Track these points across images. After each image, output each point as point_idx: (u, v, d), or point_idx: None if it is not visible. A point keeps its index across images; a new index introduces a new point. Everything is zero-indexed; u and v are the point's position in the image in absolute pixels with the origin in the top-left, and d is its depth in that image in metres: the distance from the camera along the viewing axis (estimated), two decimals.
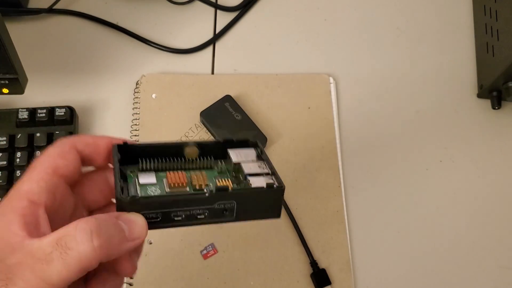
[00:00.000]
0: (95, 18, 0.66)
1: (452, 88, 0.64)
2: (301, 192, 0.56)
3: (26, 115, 0.55)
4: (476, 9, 0.68)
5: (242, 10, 0.68)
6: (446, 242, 0.55)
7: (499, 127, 0.62)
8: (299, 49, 0.66)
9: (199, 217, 0.27)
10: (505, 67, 0.56)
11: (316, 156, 0.58)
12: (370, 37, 0.67)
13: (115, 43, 0.65)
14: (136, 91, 0.61)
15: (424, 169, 0.59)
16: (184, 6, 0.69)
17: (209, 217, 0.28)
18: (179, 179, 0.28)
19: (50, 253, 0.24)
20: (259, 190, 0.28)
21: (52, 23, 0.66)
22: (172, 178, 0.28)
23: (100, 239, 0.25)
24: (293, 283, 0.52)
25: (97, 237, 0.24)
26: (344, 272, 0.53)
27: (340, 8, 0.69)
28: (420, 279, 0.54)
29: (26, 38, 0.64)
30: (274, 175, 0.29)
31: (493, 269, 0.54)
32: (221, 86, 0.62)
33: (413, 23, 0.68)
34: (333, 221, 0.55)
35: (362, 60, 0.66)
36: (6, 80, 0.52)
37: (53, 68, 0.63)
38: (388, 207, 0.57)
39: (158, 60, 0.64)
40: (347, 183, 0.57)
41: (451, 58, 0.66)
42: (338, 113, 0.61)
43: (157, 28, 0.67)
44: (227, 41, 0.67)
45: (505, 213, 0.57)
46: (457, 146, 0.60)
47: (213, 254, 0.53)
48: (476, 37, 0.67)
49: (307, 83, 0.62)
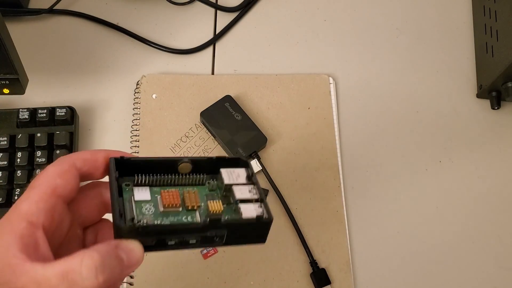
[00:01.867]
0: (96, 19, 0.66)
1: (452, 88, 0.64)
2: (301, 192, 0.56)
3: (26, 115, 0.55)
4: (476, 9, 0.68)
5: (242, 10, 0.68)
6: (445, 242, 0.55)
7: (499, 127, 0.62)
8: (299, 49, 0.66)
9: (191, 242, 0.29)
10: (504, 67, 0.56)
11: (316, 156, 0.58)
12: (370, 37, 0.67)
13: (115, 44, 0.65)
14: (137, 91, 0.61)
15: (423, 169, 0.59)
16: (184, 6, 0.69)
17: (200, 242, 0.29)
18: (173, 200, 0.29)
19: (57, 286, 0.25)
20: (249, 221, 0.29)
21: (52, 23, 0.66)
22: (166, 198, 0.29)
23: (104, 274, 0.26)
24: (293, 283, 0.52)
25: (101, 273, 0.26)
26: (344, 272, 0.53)
27: (340, 8, 0.69)
28: (420, 279, 0.54)
29: (26, 39, 0.64)
30: (263, 203, 0.30)
31: (493, 269, 0.54)
32: (221, 86, 0.62)
33: (413, 23, 0.68)
34: (333, 221, 0.55)
35: (362, 60, 0.66)
36: (6, 80, 0.52)
37: (54, 68, 0.63)
38: (388, 207, 0.57)
39: (158, 61, 0.64)
40: (347, 183, 0.57)
41: (450, 58, 0.66)
42: (338, 113, 0.61)
43: (157, 28, 0.67)
44: (227, 41, 0.67)
45: (504, 213, 0.57)
46: (456, 146, 0.60)
47: (213, 254, 0.53)
48: (475, 37, 0.67)
49: (307, 83, 0.63)
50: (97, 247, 0.27)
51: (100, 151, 0.31)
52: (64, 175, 0.29)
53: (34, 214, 0.27)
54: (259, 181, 0.32)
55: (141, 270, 0.51)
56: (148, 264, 0.52)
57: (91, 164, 0.31)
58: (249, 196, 0.30)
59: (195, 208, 0.30)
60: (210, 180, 0.32)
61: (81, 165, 0.30)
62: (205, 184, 0.32)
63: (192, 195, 0.30)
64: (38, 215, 0.27)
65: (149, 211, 0.29)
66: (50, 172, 0.29)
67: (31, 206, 0.27)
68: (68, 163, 0.30)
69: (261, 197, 0.30)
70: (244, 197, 0.30)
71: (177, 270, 0.52)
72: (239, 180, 0.31)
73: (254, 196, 0.30)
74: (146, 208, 0.29)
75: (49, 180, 0.29)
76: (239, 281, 0.52)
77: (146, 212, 0.29)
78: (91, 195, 0.33)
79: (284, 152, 0.58)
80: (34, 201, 0.28)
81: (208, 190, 0.32)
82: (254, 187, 0.31)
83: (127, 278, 0.51)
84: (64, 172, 0.29)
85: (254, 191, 0.31)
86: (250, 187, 0.31)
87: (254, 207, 0.30)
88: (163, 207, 0.29)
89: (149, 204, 0.29)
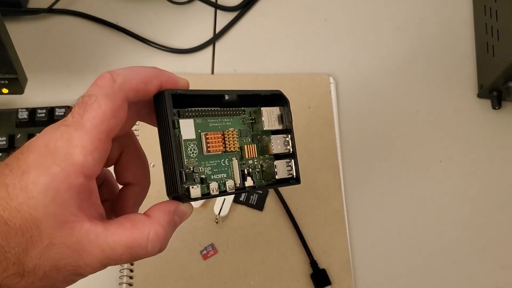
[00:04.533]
0: (95, 18, 0.66)
1: (452, 88, 0.64)
2: (301, 192, 0.56)
3: (26, 115, 0.55)
4: (476, 9, 0.68)
5: (242, 10, 0.68)
6: (446, 242, 0.55)
7: (499, 127, 0.62)
8: (299, 49, 0.66)
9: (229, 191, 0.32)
10: (505, 67, 0.56)
11: (316, 156, 0.58)
12: (370, 37, 0.67)
13: (115, 43, 0.65)
14: None
15: (424, 169, 0.59)
16: (184, 6, 0.69)
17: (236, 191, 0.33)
18: (216, 146, 0.31)
19: (121, 255, 0.26)
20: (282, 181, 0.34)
21: (52, 23, 0.66)
22: (211, 143, 0.31)
23: (165, 244, 0.27)
24: (293, 283, 0.52)
25: (164, 245, 0.27)
26: (344, 272, 0.53)
27: (340, 8, 0.69)
28: (420, 279, 0.53)
29: (26, 38, 0.64)
30: (294, 158, 0.34)
31: (493, 269, 0.54)
32: (221, 86, 0.61)
33: (413, 23, 0.68)
34: (333, 221, 0.55)
35: (362, 60, 0.66)
36: (6, 80, 0.52)
37: (53, 68, 0.63)
38: (388, 207, 0.57)
39: (158, 60, 0.64)
40: (347, 183, 0.57)
41: (451, 58, 0.66)
42: (338, 113, 0.61)
43: (157, 28, 0.67)
44: (227, 41, 0.67)
45: (505, 213, 0.57)
46: (457, 146, 0.60)
47: (213, 254, 0.53)
48: (476, 36, 0.67)
49: (307, 83, 0.62)
50: (160, 219, 0.27)
51: (152, 80, 0.28)
52: (118, 113, 0.26)
53: (90, 167, 0.25)
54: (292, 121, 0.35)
55: (141, 270, 0.51)
56: (148, 264, 0.52)
57: (142, 95, 0.28)
58: (284, 150, 0.34)
59: (234, 150, 0.32)
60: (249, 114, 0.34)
61: (132, 97, 0.27)
62: (244, 116, 0.34)
63: (231, 137, 0.32)
64: (94, 167, 0.25)
65: (193, 152, 0.30)
66: (103, 108, 0.25)
67: (87, 158, 0.24)
68: (121, 98, 0.26)
69: (293, 151, 0.34)
70: (280, 151, 0.33)
71: (177, 270, 0.52)
72: (276, 124, 0.34)
73: (287, 149, 0.34)
74: (191, 149, 0.30)
75: (104, 121, 0.25)
76: (239, 281, 0.52)
77: (191, 155, 0.30)
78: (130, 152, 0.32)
79: None
80: (89, 150, 0.24)
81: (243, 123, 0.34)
82: (288, 136, 0.34)
83: (126, 279, 0.51)
84: (118, 109, 0.26)
85: (287, 141, 0.34)
86: (285, 137, 0.34)
87: (286, 165, 0.33)
88: (207, 151, 0.30)
89: (193, 144, 0.30)
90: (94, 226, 0.25)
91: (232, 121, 0.33)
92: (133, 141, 0.32)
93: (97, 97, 0.25)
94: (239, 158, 0.32)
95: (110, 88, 0.26)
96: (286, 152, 0.34)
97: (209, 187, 0.30)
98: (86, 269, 0.25)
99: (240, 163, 0.32)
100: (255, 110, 0.34)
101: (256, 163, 0.33)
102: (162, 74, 0.29)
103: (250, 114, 0.34)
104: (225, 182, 0.31)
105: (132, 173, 0.32)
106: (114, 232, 0.25)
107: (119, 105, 0.26)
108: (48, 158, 0.24)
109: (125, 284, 0.51)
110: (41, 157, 0.24)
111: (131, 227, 0.26)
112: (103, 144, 0.25)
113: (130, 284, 0.51)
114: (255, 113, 0.34)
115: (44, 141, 0.25)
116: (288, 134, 0.34)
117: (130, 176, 0.32)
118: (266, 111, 0.34)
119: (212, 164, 0.31)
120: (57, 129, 0.25)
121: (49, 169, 0.24)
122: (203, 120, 0.31)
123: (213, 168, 0.31)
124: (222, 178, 0.31)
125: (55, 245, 0.24)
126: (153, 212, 0.28)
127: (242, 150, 0.33)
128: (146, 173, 0.33)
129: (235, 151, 0.32)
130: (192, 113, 0.31)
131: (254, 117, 0.34)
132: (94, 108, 0.25)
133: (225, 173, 0.31)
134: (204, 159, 0.30)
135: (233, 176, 0.32)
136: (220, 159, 0.31)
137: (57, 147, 0.24)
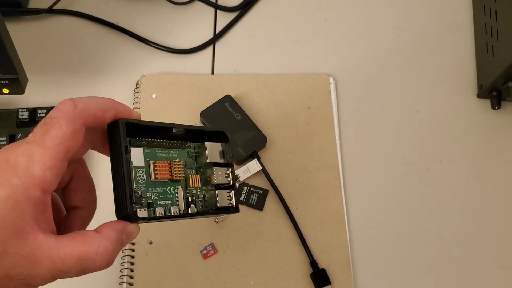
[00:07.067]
0: (95, 18, 0.66)
1: (452, 88, 0.64)
2: (301, 192, 0.56)
3: (26, 115, 0.55)
4: (476, 9, 0.68)
5: (242, 10, 0.68)
6: (446, 242, 0.55)
7: (499, 127, 0.62)
8: (299, 49, 0.66)
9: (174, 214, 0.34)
10: (505, 67, 0.56)
11: (316, 156, 0.58)
12: (370, 37, 0.67)
13: (115, 43, 0.65)
14: (136, 91, 0.61)
15: (423, 169, 0.59)
16: (184, 6, 0.69)
17: None
18: (164, 174, 0.33)
19: (70, 267, 0.27)
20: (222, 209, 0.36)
21: (52, 23, 0.66)
22: (158, 170, 0.33)
23: (112, 259, 0.29)
24: (293, 283, 0.52)
25: (111, 260, 0.29)
26: (344, 272, 0.53)
27: (340, 8, 0.69)
28: (420, 279, 0.54)
29: (26, 38, 0.64)
30: (234, 189, 0.37)
31: (493, 269, 0.54)
32: (221, 86, 0.62)
33: (413, 23, 0.68)
34: (333, 221, 0.55)
35: (362, 60, 0.66)
36: (6, 80, 0.52)
37: (53, 68, 0.63)
38: (388, 207, 0.57)
39: (158, 60, 0.64)
40: (347, 183, 0.57)
41: (451, 58, 0.66)
42: (338, 113, 0.61)
43: (157, 28, 0.67)
44: (227, 41, 0.67)
45: (505, 213, 0.57)
46: (457, 146, 0.60)
47: (213, 254, 0.53)
48: (476, 37, 0.67)
49: (307, 83, 0.62)
50: (109, 235, 0.29)
51: (109, 109, 0.30)
52: (77, 135, 0.28)
53: (48, 182, 0.27)
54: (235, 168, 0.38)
55: (141, 270, 0.51)
56: (148, 264, 0.52)
57: (98, 122, 0.30)
58: (225, 181, 0.37)
59: (179, 179, 0.34)
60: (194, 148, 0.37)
61: (90, 123, 0.29)
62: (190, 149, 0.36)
63: (177, 167, 0.34)
64: (51, 182, 0.27)
65: (142, 178, 0.32)
66: (64, 129, 0.27)
67: (46, 173, 0.26)
68: (81, 122, 0.28)
69: (233, 182, 0.37)
70: (221, 182, 0.36)
71: (177, 270, 0.52)
72: (217, 158, 0.37)
73: (228, 180, 0.37)
74: (140, 175, 0.32)
75: (63, 141, 0.27)
76: (239, 281, 0.52)
77: (140, 181, 0.32)
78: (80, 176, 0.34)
79: (284, 152, 0.58)
80: (48, 167, 0.26)
81: (188, 155, 0.36)
82: (229, 169, 0.37)
83: (127, 278, 0.51)
84: (77, 131, 0.28)
85: (228, 173, 0.37)
86: (226, 170, 0.37)
87: (226, 195, 0.36)
88: (155, 177, 0.33)
89: (142, 171, 0.32)
90: (48, 238, 0.26)
91: (178, 153, 0.35)
92: (83, 167, 0.34)
93: (59, 119, 0.27)
94: (184, 186, 0.35)
95: (71, 113, 0.28)
96: (226, 183, 0.37)
97: (155, 211, 0.32)
98: (36, 280, 0.26)
99: (185, 191, 0.34)
100: (199, 145, 0.37)
101: (199, 193, 0.36)
102: (119, 105, 0.31)
103: (195, 148, 0.37)
104: (170, 208, 0.33)
105: (80, 198, 0.33)
106: (66, 245, 0.27)
107: (78, 129, 0.28)
108: (9, 171, 0.26)
109: (126, 284, 0.51)
110: (2, 171, 0.26)
111: (82, 241, 0.28)
112: (61, 162, 0.27)
113: (131, 284, 0.51)
114: (199, 148, 0.37)
115: (4, 157, 0.27)
116: (229, 167, 0.37)
117: (79, 200, 0.33)
118: (210, 146, 0.37)
119: (158, 191, 0.33)
120: (18, 146, 0.27)
121: (10, 181, 0.26)
122: (152, 150, 0.33)
123: (159, 195, 0.33)
124: (168, 204, 0.33)
125: (9, 254, 0.25)
126: (102, 229, 0.29)
127: (187, 179, 0.35)
128: (93, 198, 0.34)
129: (180, 180, 0.34)
130: (142, 142, 0.33)
131: (199, 151, 0.37)
132: (56, 129, 0.27)
133: (170, 199, 0.34)
134: (151, 186, 0.33)
135: (178, 202, 0.34)
136: (166, 187, 0.34)
137: (17, 162, 0.26)
